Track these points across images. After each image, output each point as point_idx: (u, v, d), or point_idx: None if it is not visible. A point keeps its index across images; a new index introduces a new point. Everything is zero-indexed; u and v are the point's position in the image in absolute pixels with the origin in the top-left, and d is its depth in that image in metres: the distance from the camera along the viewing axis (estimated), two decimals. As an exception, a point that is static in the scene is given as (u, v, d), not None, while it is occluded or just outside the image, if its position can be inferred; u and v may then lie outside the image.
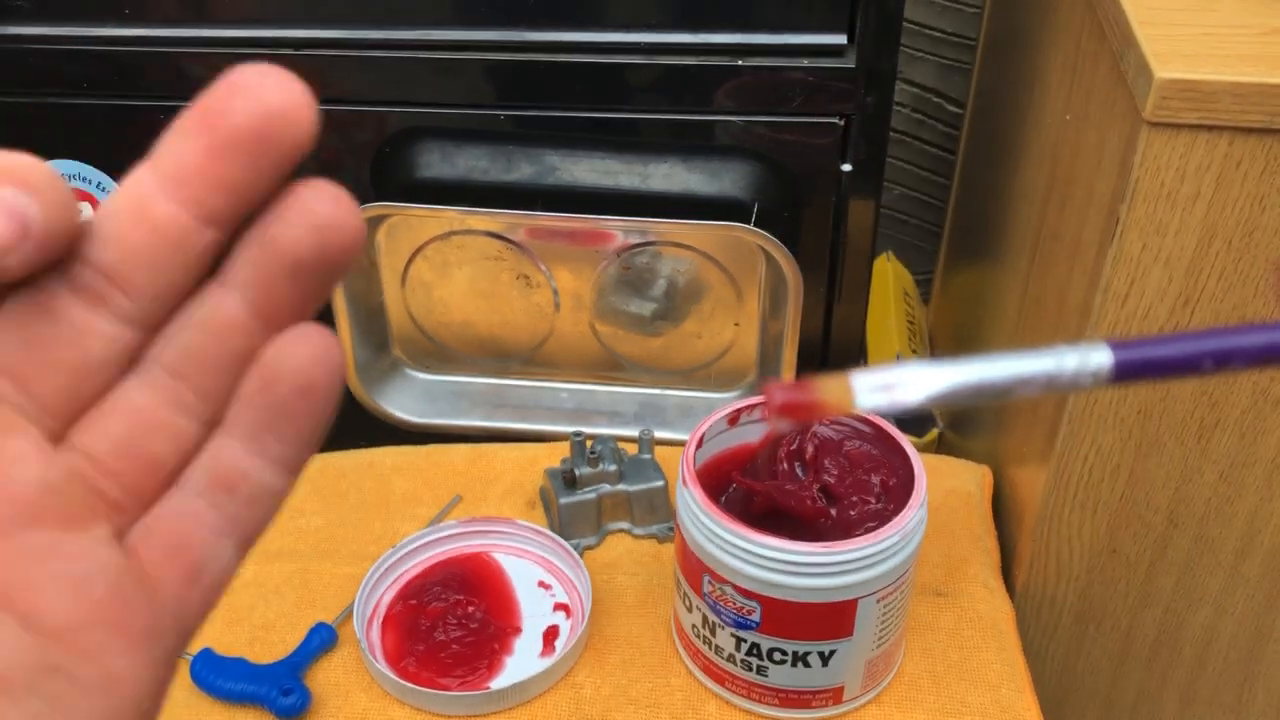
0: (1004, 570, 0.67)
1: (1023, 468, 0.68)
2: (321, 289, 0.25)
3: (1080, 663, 0.69)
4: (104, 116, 0.63)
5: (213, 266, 0.25)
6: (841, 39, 0.61)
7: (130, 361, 0.26)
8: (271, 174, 0.24)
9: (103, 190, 0.63)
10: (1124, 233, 0.54)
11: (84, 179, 0.63)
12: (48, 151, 0.63)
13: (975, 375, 0.18)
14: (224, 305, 0.25)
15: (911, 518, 0.55)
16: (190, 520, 0.25)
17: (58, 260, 0.24)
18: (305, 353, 0.25)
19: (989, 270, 0.81)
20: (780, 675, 0.57)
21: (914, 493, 0.55)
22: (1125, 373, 0.18)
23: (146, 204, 0.24)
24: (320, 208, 0.24)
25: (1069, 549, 0.65)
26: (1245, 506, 0.62)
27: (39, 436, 0.25)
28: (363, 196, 0.64)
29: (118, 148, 0.63)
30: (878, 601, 0.55)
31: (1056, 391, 0.18)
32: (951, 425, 0.88)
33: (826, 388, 0.18)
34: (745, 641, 0.56)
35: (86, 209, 0.24)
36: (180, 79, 0.62)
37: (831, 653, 0.56)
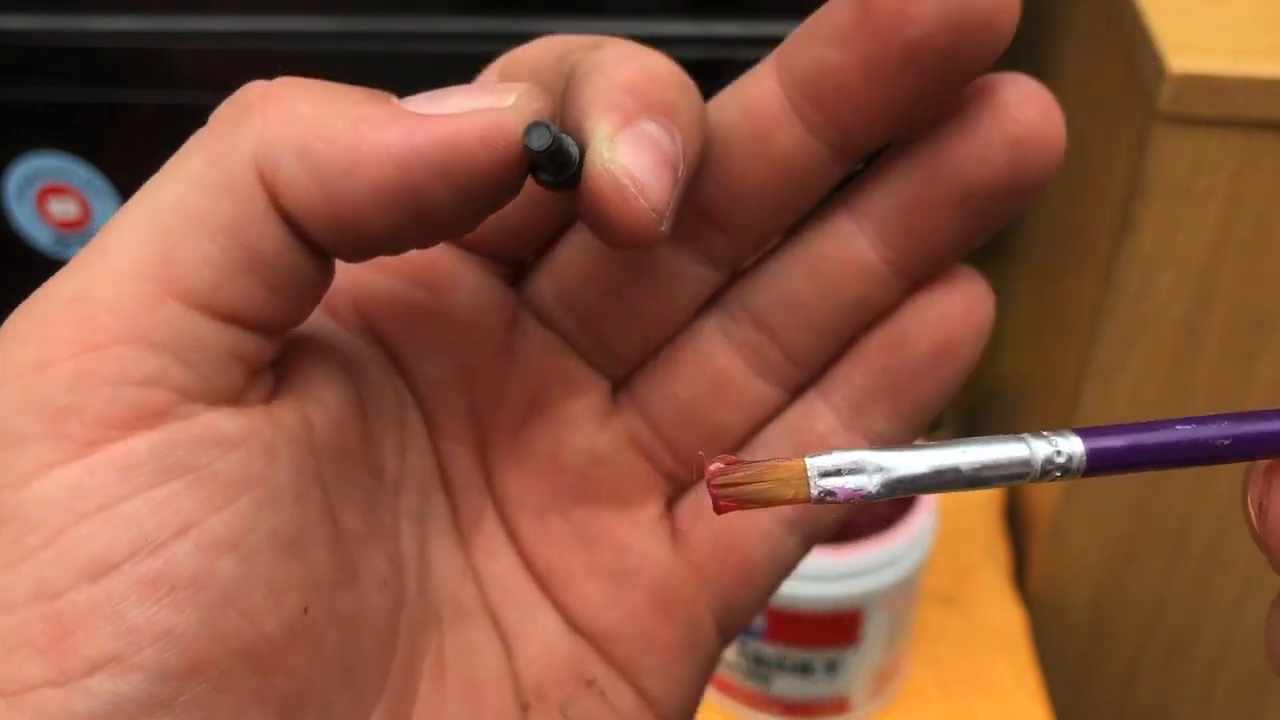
0: (1016, 577, 0.66)
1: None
2: (994, 221, 0.20)
3: (1093, 672, 0.68)
4: (92, 110, 0.62)
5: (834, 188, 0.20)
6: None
7: (712, 303, 0.21)
8: (948, 89, 0.18)
9: (91, 187, 0.62)
10: (1137, 230, 0.53)
11: (72, 175, 0.62)
12: (35, 146, 0.62)
13: (938, 462, 0.16)
14: (847, 244, 0.20)
15: (920, 523, 0.53)
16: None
17: None
18: (956, 304, 0.20)
19: (999, 268, 0.80)
20: (784, 685, 0.56)
21: (923, 498, 0.54)
22: (1100, 464, 0.17)
23: (770, 130, 0.19)
24: (1022, 113, 0.19)
25: (1082, 555, 0.64)
26: (1261, 511, 0.60)
27: (599, 395, 0.21)
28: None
29: (106, 142, 0.62)
30: (885, 609, 0.54)
31: (1026, 482, 0.16)
32: (961, 427, 0.87)
33: (776, 473, 0.16)
34: (749, 650, 0.55)
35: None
36: (170, 72, 0.61)
37: (838, 662, 0.55)
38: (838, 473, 0.16)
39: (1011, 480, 0.16)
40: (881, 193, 0.20)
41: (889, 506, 0.55)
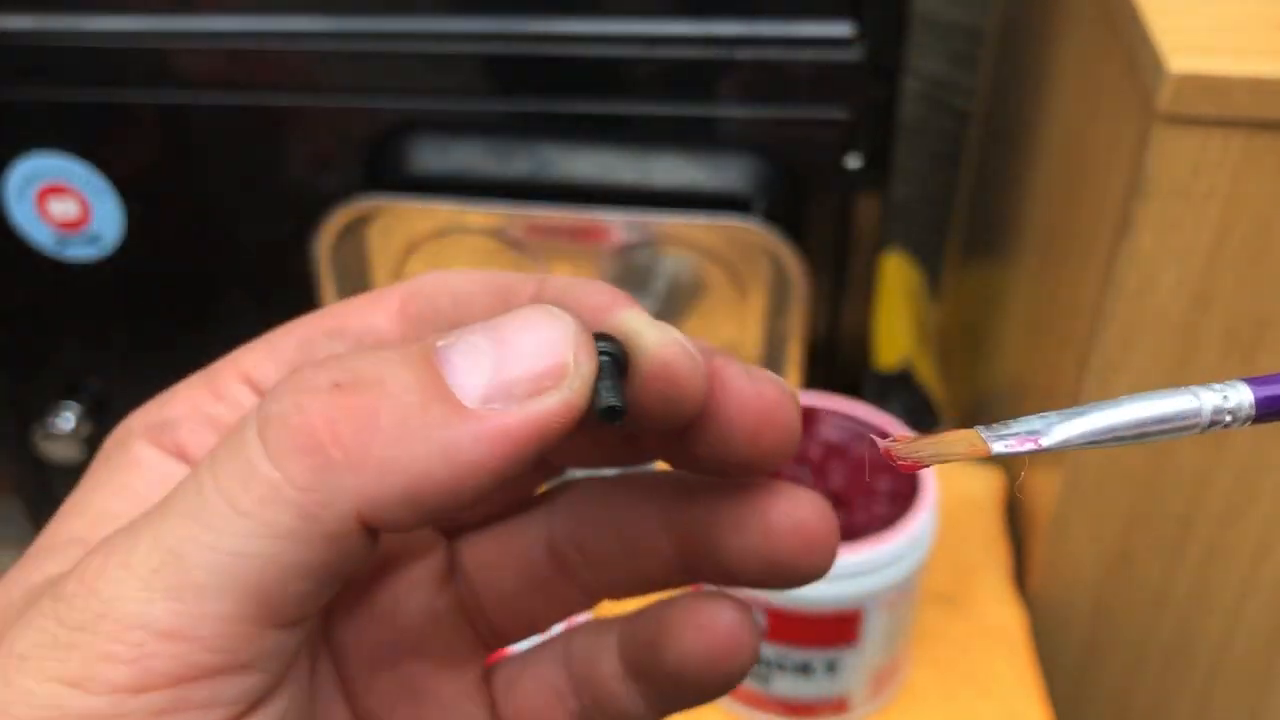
0: (1016, 577, 0.66)
1: (1035, 471, 0.67)
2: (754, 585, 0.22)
3: (1093, 672, 0.68)
4: (92, 110, 0.62)
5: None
6: (848, 29, 0.60)
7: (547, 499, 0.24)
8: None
9: (89, 185, 0.62)
10: (1136, 229, 0.52)
11: (72, 175, 0.62)
12: (35, 146, 0.61)
13: (1112, 418, 0.17)
14: (651, 534, 0.23)
15: (920, 523, 0.53)
16: (556, 706, 0.23)
17: None
18: (704, 641, 0.22)
19: (999, 268, 0.80)
20: (784, 684, 0.56)
21: (923, 497, 0.54)
22: (1270, 412, 0.17)
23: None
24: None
25: (1082, 555, 0.64)
26: (1260, 512, 0.60)
27: (441, 558, 0.23)
28: (356, 191, 0.63)
29: (106, 142, 0.62)
30: (885, 609, 0.54)
31: (1193, 434, 0.17)
32: (960, 427, 0.86)
33: (952, 441, 0.17)
34: (748, 649, 0.55)
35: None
36: (170, 72, 0.61)
37: (837, 662, 0.55)
38: (1013, 434, 0.16)
39: (1180, 433, 0.17)
40: (682, 502, 0.22)
41: (889, 506, 0.56)
